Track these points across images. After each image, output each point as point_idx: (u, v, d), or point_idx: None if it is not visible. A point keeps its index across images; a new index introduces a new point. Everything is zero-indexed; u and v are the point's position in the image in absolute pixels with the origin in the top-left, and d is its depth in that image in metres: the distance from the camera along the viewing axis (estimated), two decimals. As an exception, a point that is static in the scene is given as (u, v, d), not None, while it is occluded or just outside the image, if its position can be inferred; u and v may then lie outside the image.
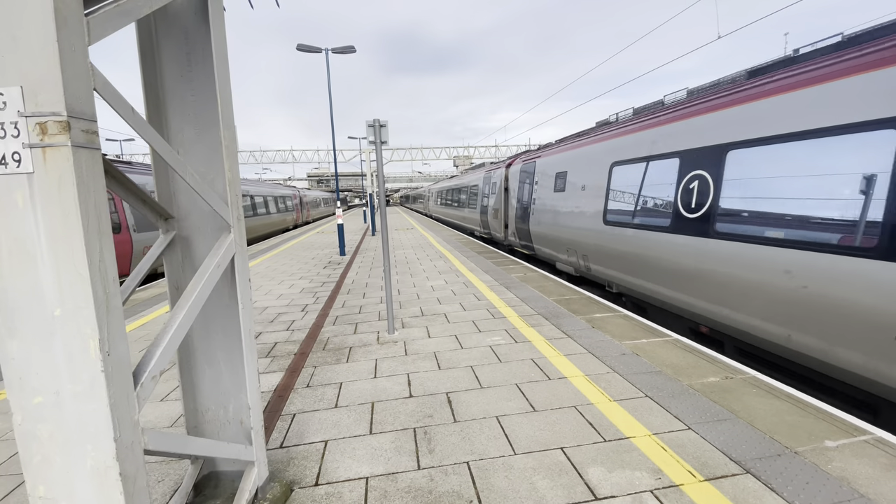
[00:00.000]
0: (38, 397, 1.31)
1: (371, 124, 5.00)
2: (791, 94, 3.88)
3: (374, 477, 2.44)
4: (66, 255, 1.24)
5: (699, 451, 2.57)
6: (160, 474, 2.55)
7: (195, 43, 1.93)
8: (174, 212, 2.06)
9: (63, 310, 1.26)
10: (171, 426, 3.14)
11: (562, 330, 4.81)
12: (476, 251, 11.52)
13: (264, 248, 14.22)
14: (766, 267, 3.90)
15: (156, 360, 1.48)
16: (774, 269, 3.82)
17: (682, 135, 5.25)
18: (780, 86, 4.04)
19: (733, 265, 4.26)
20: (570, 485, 2.31)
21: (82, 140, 1.24)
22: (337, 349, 4.50)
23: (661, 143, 5.67)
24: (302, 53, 13.03)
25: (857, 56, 3.46)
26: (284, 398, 3.44)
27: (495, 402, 3.26)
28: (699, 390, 3.31)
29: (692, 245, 4.83)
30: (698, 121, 5.03)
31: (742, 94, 4.48)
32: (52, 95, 1.19)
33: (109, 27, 1.36)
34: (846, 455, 2.47)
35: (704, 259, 4.65)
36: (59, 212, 1.22)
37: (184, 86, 1.95)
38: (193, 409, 2.21)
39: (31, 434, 1.32)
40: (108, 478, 1.34)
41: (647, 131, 6.13)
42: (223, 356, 2.16)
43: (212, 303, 2.10)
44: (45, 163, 1.20)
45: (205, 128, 1.97)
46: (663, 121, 5.82)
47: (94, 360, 1.28)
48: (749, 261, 4.08)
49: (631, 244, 6.07)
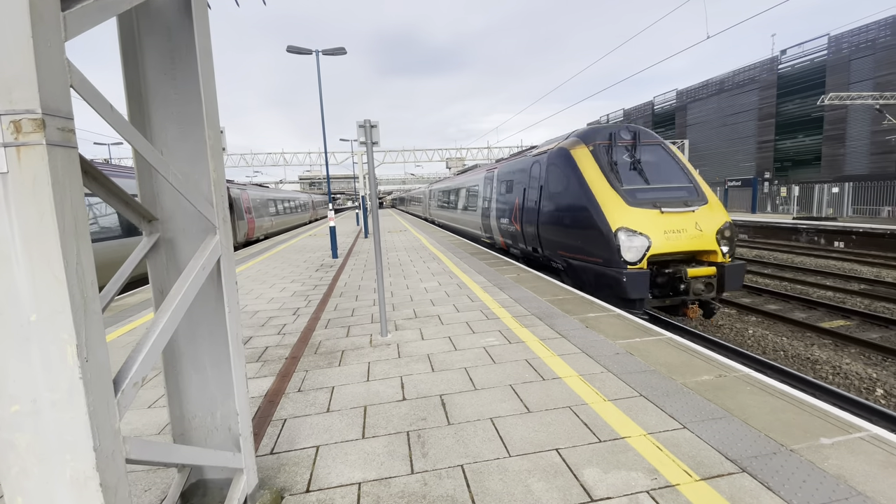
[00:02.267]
0: (14, 406, 1.25)
1: (362, 125, 4.96)
2: (474, 172, 17.21)
3: (367, 482, 2.40)
4: (42, 257, 1.19)
5: (695, 450, 2.55)
6: (147, 483, 2.49)
7: (179, 40, 1.88)
8: (158, 213, 2.01)
9: (39, 315, 1.21)
10: (159, 433, 3.07)
11: (555, 330, 4.80)
12: (469, 252, 11.50)
13: (255, 252, 14.10)
14: (461, 218, 18.33)
15: (138, 366, 1.43)
16: (463, 218, 17.94)
17: (457, 182, 19.99)
18: (473, 170, 18.34)
19: (464, 218, 17.61)
20: (566, 486, 2.29)
21: (58, 138, 1.20)
22: (329, 353, 4.45)
23: (450, 183, 21.94)
24: (293, 55, 12.98)
25: (488, 166, 15.16)
26: (275, 403, 3.39)
27: (489, 403, 3.23)
28: (693, 389, 3.30)
29: (455, 213, 19.82)
30: (461, 177, 19.72)
31: (469, 171, 19.52)
32: (27, 93, 1.14)
33: (87, 22, 1.32)
34: (842, 452, 2.47)
35: (458, 216, 19.02)
36: (34, 213, 1.17)
37: (167, 84, 1.90)
38: (180, 415, 2.16)
39: (9, 444, 1.27)
40: (88, 489, 1.29)
41: (455, 178, 21.35)
42: (210, 361, 2.11)
43: (198, 306, 2.06)
44: (19, 162, 1.16)
45: (189, 127, 1.92)
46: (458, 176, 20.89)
47: (72, 367, 1.23)
48: (462, 216, 18.11)
49: (445, 215, 22.56)
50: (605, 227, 6.89)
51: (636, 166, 7.63)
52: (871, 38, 28.99)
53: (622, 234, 6.72)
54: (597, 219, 7.07)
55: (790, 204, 25.54)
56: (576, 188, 7.69)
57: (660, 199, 7.10)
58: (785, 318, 7.97)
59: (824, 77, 31.50)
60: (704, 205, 7.13)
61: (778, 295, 9.46)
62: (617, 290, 6.65)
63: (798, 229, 18.29)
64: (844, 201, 22.69)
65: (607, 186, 7.27)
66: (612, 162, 7.64)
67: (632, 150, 7.84)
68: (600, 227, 6.96)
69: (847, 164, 30.78)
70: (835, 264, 13.09)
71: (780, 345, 6.98)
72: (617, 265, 6.71)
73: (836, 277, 11.15)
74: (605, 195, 7.17)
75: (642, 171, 7.59)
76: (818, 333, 7.35)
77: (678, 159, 7.96)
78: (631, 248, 6.67)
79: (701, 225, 6.89)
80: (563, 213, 8.12)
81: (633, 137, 7.96)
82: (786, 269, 12.45)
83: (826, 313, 8.39)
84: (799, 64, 33.73)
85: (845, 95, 23.85)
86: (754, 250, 16.46)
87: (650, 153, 7.89)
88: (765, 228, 19.80)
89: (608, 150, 7.82)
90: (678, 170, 7.74)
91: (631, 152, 7.82)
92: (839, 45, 30.87)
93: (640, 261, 6.66)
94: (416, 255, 11.49)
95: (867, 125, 29.17)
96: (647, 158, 7.80)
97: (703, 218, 6.96)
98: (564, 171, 8.18)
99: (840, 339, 7.02)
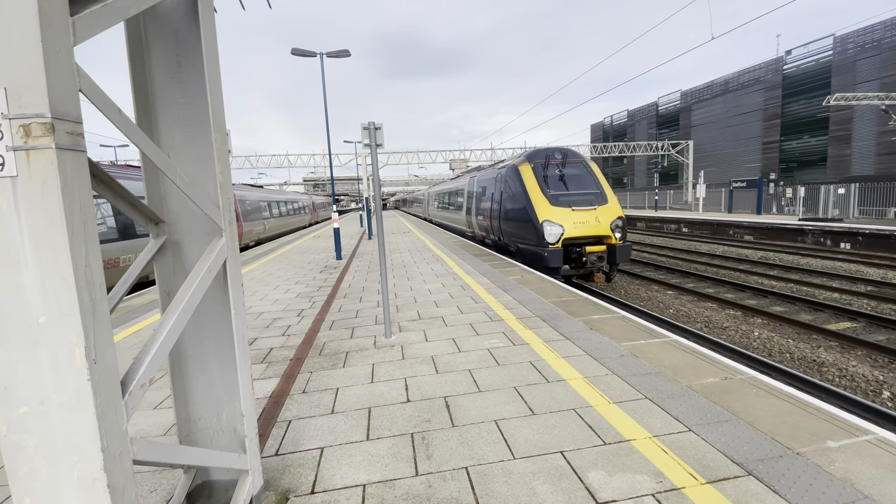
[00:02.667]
0: (23, 407, 1.27)
1: (366, 127, 4.97)
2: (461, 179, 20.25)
3: (372, 484, 2.40)
4: (51, 260, 1.20)
5: (700, 453, 2.54)
6: (153, 484, 2.50)
7: (186, 44, 1.90)
8: (164, 216, 2.02)
9: (48, 317, 1.22)
10: (165, 434, 3.09)
11: (560, 332, 4.79)
12: (473, 254, 11.50)
13: (260, 254, 14.16)
14: (451, 216, 21.20)
15: (145, 368, 1.44)
16: (453, 216, 20.93)
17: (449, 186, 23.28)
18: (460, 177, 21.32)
19: (453, 216, 20.51)
20: (571, 489, 2.28)
21: (67, 142, 1.21)
22: (333, 354, 4.46)
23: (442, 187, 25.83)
24: (297, 57, 13.01)
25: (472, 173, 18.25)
26: (280, 404, 3.40)
27: (494, 405, 3.23)
28: (699, 391, 3.29)
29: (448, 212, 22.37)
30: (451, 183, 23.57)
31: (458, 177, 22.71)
32: (37, 97, 1.16)
33: (96, 27, 1.33)
34: (849, 455, 2.45)
35: (449, 215, 21.95)
36: (43, 216, 1.19)
37: (174, 88, 1.92)
38: (186, 417, 2.17)
39: (17, 445, 1.28)
40: (96, 490, 1.30)
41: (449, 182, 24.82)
42: (216, 363, 2.12)
43: (204, 308, 2.07)
44: (28, 166, 1.17)
45: (196, 130, 1.94)
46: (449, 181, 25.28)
47: (80, 369, 1.24)
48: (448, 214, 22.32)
49: (441, 214, 25.02)
50: (535, 220, 10.14)
51: (562, 178, 11.03)
52: (877, 38, 28.82)
53: (546, 224, 9.99)
54: (531, 215, 10.28)
55: (796, 205, 25.39)
56: (520, 194, 10.90)
57: (573, 201, 10.36)
58: (791, 320, 7.92)
59: (830, 77, 31.34)
60: (605, 205, 10.34)
61: (784, 297, 9.41)
62: (542, 262, 9.84)
63: (804, 230, 18.18)
64: (850, 202, 22.53)
65: (539, 193, 10.51)
66: (545, 175, 11.00)
67: (560, 167, 11.22)
68: (533, 220, 10.20)
69: (853, 164, 30.58)
70: (841, 266, 13.00)
71: (785, 347, 6.94)
72: (542, 246, 9.94)
73: (843, 279, 11.08)
74: (538, 199, 10.41)
75: (565, 181, 10.99)
76: (824, 335, 7.30)
77: (593, 173, 11.27)
78: (551, 234, 9.92)
79: (600, 218, 10.12)
80: (512, 211, 11.41)
81: (563, 157, 11.41)
82: (791, 271, 12.37)
83: (832, 315, 8.33)
84: (804, 64, 33.57)
85: (851, 96, 23.71)
86: (759, 252, 16.38)
87: (574, 168, 11.26)
88: (770, 230, 19.69)
89: (544, 166, 11.18)
90: (591, 181, 11.06)
91: (559, 168, 11.20)
92: (845, 45, 30.71)
93: (556, 242, 9.92)
94: (419, 257, 11.50)
95: (873, 126, 28.98)
96: (570, 172, 11.15)
97: (602, 214, 10.19)
98: (514, 181, 11.33)
99: (846, 342, 6.97)
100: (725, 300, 9.32)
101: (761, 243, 18.65)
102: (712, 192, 31.63)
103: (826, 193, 23.28)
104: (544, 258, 9.72)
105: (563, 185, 10.88)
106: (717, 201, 30.99)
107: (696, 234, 23.68)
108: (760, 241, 19.70)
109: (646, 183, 51.60)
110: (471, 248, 13.01)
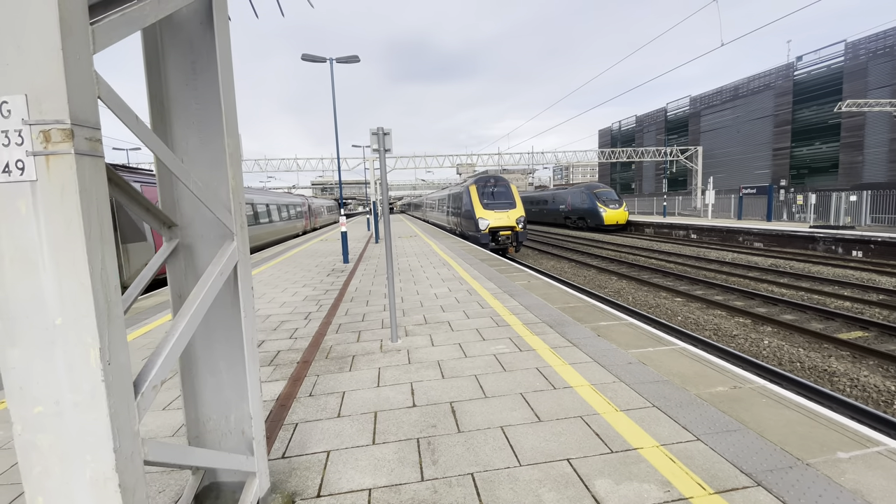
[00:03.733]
0: (38, 407, 1.29)
1: (375, 132, 5.01)
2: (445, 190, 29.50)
3: (377, 489, 2.41)
4: (68, 263, 1.23)
5: (708, 462, 2.52)
6: (161, 485, 2.52)
7: (200, 52, 1.93)
8: (177, 220, 2.05)
9: (64, 319, 1.25)
10: (173, 435, 3.12)
11: (567, 338, 4.77)
12: (479, 258, 11.50)
13: (268, 257, 14.26)
14: (439, 216, 30.46)
15: (157, 370, 1.46)
16: (437, 216, 31.05)
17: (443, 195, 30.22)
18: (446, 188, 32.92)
19: (440, 216, 29.36)
20: (577, 497, 2.27)
21: (86, 148, 1.24)
22: (340, 357, 4.48)
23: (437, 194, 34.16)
24: (307, 62, 13.13)
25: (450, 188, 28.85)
26: (287, 407, 3.42)
27: (500, 411, 3.22)
28: (707, 400, 3.26)
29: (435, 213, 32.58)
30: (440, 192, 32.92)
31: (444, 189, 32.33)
32: (57, 103, 1.19)
33: (115, 36, 1.37)
34: (859, 467, 2.42)
35: (435, 214, 32.28)
36: (61, 220, 1.21)
37: (188, 94, 1.95)
38: (195, 418, 2.19)
39: (32, 444, 1.31)
40: (108, 489, 1.32)
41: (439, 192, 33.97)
42: (225, 365, 2.15)
43: (214, 311, 2.09)
44: (48, 171, 1.20)
45: (209, 136, 1.97)
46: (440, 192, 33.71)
47: (95, 370, 1.26)
48: (435, 214, 32.32)
49: (431, 214, 35.06)
50: (475, 217, 18.46)
51: (493, 194, 19.24)
52: (889, 44, 28.56)
53: (480, 220, 18.26)
54: (475, 214, 18.57)
55: (807, 212, 25.11)
56: (468, 203, 19.39)
57: (496, 207, 18.65)
58: (801, 329, 7.83)
59: (841, 83, 31.07)
60: (514, 209, 18.69)
61: (794, 305, 9.29)
62: (478, 242, 17.94)
63: (815, 238, 17.97)
64: (863, 210, 22.24)
65: (479, 202, 18.87)
66: (482, 192, 19.28)
67: (492, 187, 19.52)
68: (475, 218, 18.46)
69: (865, 171, 30.24)
70: (853, 274, 12.83)
71: (796, 356, 6.86)
72: (479, 231, 18.19)
73: (854, 287, 10.93)
74: (477, 205, 18.74)
75: (493, 196, 19.18)
76: (835, 345, 7.20)
77: (511, 190, 19.62)
78: (483, 224, 18.13)
79: (510, 216, 18.40)
80: (464, 213, 20.06)
81: (495, 182, 19.77)
82: (802, 279, 12.23)
83: (844, 324, 8.22)
84: (815, 70, 33.34)
85: (863, 102, 23.47)
86: (770, 259, 16.21)
87: (501, 187, 19.55)
88: (780, 237, 19.49)
89: (483, 186, 19.51)
90: (509, 195, 19.31)
91: (492, 188, 19.48)
92: (856, 51, 30.45)
93: (486, 229, 18.06)
94: (426, 261, 11.52)
95: (886, 132, 28.66)
96: (497, 190, 19.39)
97: (512, 214, 18.49)
98: (466, 195, 19.77)
99: (858, 351, 6.86)
100: (735, 308, 9.22)
101: (771, 250, 18.47)
102: (721, 198, 31.36)
103: (837, 200, 22.99)
104: (479, 240, 18.05)
105: (492, 198, 19.16)
106: (726, 208, 30.73)
107: (705, 240, 23.49)
108: (770, 248, 19.51)
109: (654, 188, 51.37)
110: (476, 252, 13.01)
